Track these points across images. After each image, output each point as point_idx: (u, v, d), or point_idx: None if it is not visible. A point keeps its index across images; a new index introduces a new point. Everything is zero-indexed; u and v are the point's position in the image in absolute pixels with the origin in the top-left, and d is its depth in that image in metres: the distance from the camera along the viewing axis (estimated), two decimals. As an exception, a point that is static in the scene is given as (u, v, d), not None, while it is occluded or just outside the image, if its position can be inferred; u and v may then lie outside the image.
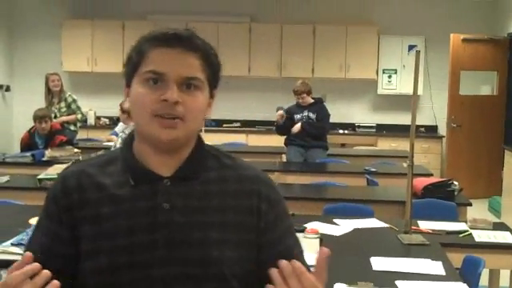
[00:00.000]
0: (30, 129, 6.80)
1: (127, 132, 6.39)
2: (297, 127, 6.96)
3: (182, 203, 1.36)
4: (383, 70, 9.67)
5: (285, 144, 7.16)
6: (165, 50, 1.36)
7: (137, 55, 1.39)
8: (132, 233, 1.33)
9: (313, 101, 7.10)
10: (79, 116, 7.89)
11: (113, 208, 1.36)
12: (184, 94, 1.35)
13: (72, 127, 7.81)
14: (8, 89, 10.06)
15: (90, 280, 1.35)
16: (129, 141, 1.45)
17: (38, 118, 6.59)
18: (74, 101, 7.83)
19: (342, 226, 3.83)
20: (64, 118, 7.68)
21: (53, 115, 7.59)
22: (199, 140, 1.45)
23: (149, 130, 1.36)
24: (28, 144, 6.69)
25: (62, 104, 7.74)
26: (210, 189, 1.40)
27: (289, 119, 7.05)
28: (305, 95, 7.00)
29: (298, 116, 7.04)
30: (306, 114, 7.03)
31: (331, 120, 7.26)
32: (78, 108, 7.88)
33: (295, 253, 1.43)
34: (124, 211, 1.35)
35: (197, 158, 1.42)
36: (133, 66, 1.39)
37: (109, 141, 7.58)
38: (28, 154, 6.17)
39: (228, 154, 1.49)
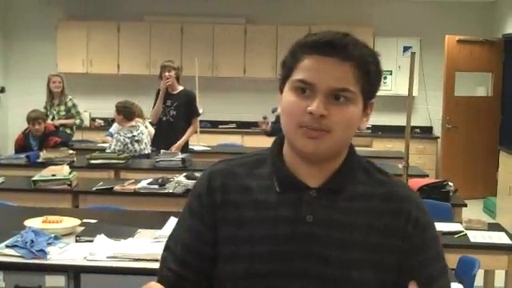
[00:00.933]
0: (25, 130, 6.78)
1: (122, 133, 6.42)
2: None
3: (326, 217, 1.31)
4: (378, 71, 9.67)
5: None
6: (317, 57, 1.30)
7: (290, 61, 1.34)
8: (271, 241, 1.30)
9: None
10: (77, 121, 7.79)
11: (255, 213, 1.33)
12: (332, 105, 1.29)
13: (68, 130, 7.75)
14: (3, 90, 10.03)
15: (225, 285, 1.33)
16: (279, 145, 1.41)
17: (32, 119, 6.58)
18: (74, 106, 7.74)
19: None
20: (62, 121, 7.61)
21: (51, 117, 7.58)
22: (351, 151, 1.39)
23: (294, 140, 1.32)
24: (22, 145, 6.68)
25: (62, 107, 7.66)
26: (357, 205, 1.34)
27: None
28: None
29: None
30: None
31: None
32: (78, 113, 7.79)
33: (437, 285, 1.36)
34: (266, 218, 1.32)
35: (346, 170, 1.36)
36: (286, 71, 1.35)
37: (104, 142, 7.57)
38: (23, 155, 6.15)
39: (380, 168, 1.42)
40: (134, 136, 6.47)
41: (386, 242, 1.32)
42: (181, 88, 6.59)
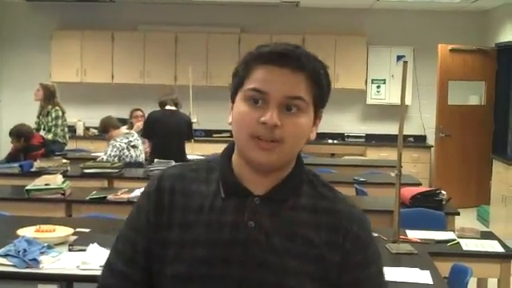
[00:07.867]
0: None
1: (118, 139, 6.42)
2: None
3: (268, 224, 1.33)
4: (372, 80, 9.71)
5: None
6: (270, 68, 1.32)
7: (243, 71, 1.37)
8: (212, 245, 1.32)
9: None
10: (49, 136, 7.40)
11: (200, 217, 1.35)
12: (285, 116, 1.31)
13: (60, 140, 7.67)
14: (-3, 100, 10.03)
15: (167, 286, 1.35)
16: (229, 151, 1.42)
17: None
18: (54, 118, 7.54)
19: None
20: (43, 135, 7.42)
21: (42, 126, 7.55)
22: (299, 163, 1.41)
23: (246, 151, 1.33)
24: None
25: (49, 118, 7.58)
26: (300, 216, 1.35)
27: None
28: None
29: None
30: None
31: (320, 130, 7.24)
32: (55, 126, 7.53)
33: None
34: (209, 222, 1.34)
35: (292, 181, 1.38)
36: (238, 81, 1.37)
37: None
38: (16, 164, 6.14)
39: (325, 182, 1.44)
40: (131, 141, 6.55)
41: (326, 256, 1.34)
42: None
